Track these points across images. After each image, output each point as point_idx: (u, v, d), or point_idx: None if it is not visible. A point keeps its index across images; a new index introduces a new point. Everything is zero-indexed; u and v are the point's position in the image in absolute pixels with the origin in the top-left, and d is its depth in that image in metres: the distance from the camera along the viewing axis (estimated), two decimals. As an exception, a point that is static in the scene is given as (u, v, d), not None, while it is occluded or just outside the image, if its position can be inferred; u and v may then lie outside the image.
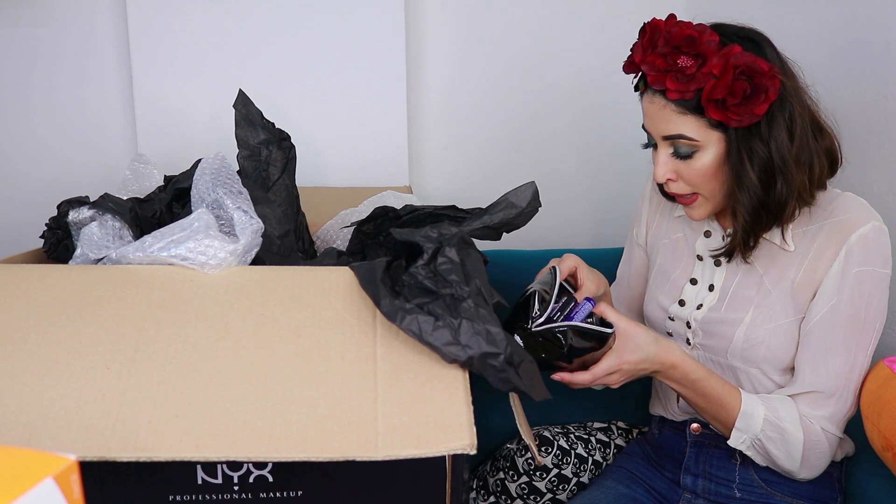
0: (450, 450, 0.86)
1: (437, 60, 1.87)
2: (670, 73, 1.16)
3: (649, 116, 1.22)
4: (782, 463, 1.24)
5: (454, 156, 1.93)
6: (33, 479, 0.53)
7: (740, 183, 1.18)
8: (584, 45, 1.89)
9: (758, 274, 1.27)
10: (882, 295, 1.22)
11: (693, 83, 1.14)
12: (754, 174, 1.17)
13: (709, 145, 1.18)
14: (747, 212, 1.19)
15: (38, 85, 1.77)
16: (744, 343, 1.26)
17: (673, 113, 1.18)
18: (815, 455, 1.24)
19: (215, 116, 1.73)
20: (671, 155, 1.21)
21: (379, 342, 0.98)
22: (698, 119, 1.17)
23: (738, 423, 1.23)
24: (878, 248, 1.20)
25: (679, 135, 1.18)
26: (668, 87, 1.16)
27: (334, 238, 1.40)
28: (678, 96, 1.16)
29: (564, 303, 1.17)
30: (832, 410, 1.22)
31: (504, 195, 1.17)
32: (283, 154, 1.28)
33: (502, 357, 0.96)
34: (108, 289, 1.03)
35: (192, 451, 0.84)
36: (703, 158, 1.19)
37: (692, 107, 1.16)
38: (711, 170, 1.19)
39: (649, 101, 1.21)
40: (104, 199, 1.17)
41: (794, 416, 1.22)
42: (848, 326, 1.21)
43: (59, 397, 0.89)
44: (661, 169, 1.22)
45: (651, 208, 1.44)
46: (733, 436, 1.24)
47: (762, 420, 1.22)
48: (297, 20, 1.74)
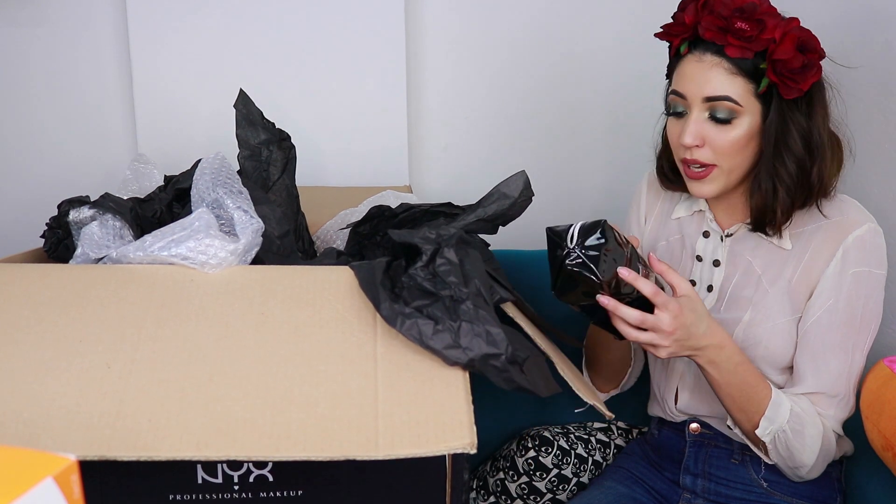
0: (450, 449, 0.86)
1: (437, 60, 1.87)
2: (730, 33, 1.15)
3: (692, 78, 1.19)
4: (799, 456, 1.22)
5: (454, 156, 1.93)
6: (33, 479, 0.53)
7: (787, 148, 1.18)
8: (585, 45, 1.89)
9: (756, 273, 1.27)
10: (878, 295, 1.22)
11: (755, 44, 1.14)
12: (799, 142, 1.17)
13: (748, 114, 1.18)
14: (791, 177, 1.18)
15: (38, 85, 1.77)
16: (742, 343, 1.26)
17: (724, 72, 1.17)
18: (825, 453, 1.24)
19: (215, 116, 1.73)
20: (707, 119, 1.19)
21: (379, 341, 0.98)
22: (747, 84, 1.17)
23: (768, 412, 1.20)
24: (874, 250, 1.21)
25: (725, 96, 1.17)
26: (730, 42, 1.15)
27: (334, 238, 1.40)
28: (739, 53, 1.15)
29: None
30: (835, 411, 1.23)
31: (495, 187, 1.17)
32: (283, 154, 1.28)
33: (504, 357, 0.96)
34: (108, 288, 1.03)
35: (193, 450, 0.84)
36: (740, 126, 1.18)
37: (747, 68, 1.16)
38: (743, 140, 1.19)
39: (697, 60, 1.19)
40: (104, 198, 1.17)
41: (812, 409, 1.22)
42: (845, 327, 1.21)
43: (60, 396, 0.89)
44: (691, 131, 1.19)
45: (645, 211, 1.42)
46: (761, 425, 1.21)
47: (789, 411, 1.20)
48: (297, 20, 1.74)
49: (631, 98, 1.93)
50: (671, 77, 1.25)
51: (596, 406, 1.12)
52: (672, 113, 1.23)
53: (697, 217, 1.34)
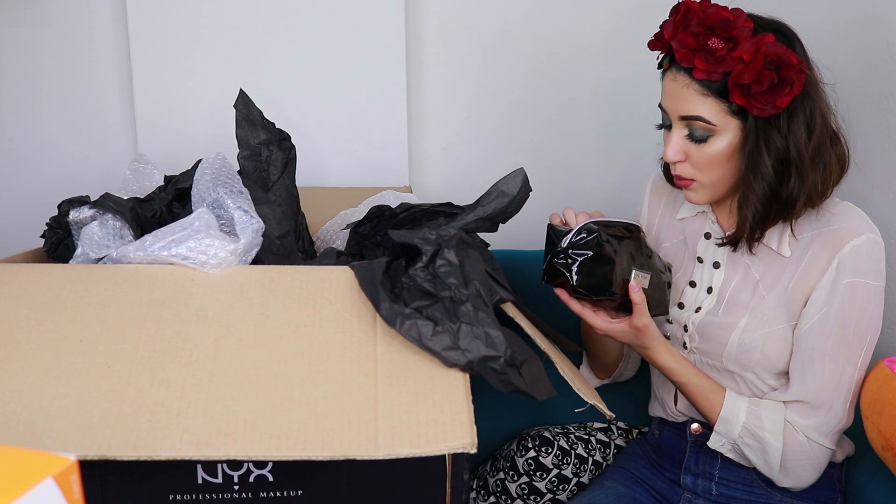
0: (450, 448, 0.86)
1: (437, 61, 1.87)
2: (700, 53, 1.15)
3: (669, 95, 1.21)
4: (761, 468, 1.26)
5: (454, 156, 1.93)
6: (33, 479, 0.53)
7: (756, 171, 1.18)
8: (586, 45, 1.89)
9: (754, 279, 1.27)
10: (874, 308, 1.21)
11: (722, 65, 1.14)
12: (770, 163, 1.17)
13: (724, 132, 1.18)
14: (759, 201, 1.19)
15: (38, 85, 1.77)
16: (738, 348, 1.26)
17: (695, 93, 1.17)
18: (799, 465, 1.24)
19: (215, 116, 1.73)
20: (685, 137, 1.21)
21: (379, 341, 0.98)
22: (719, 103, 1.17)
23: (717, 426, 1.26)
24: (871, 261, 1.20)
25: (697, 116, 1.18)
26: (697, 66, 1.15)
27: (334, 238, 1.40)
28: (704, 76, 1.15)
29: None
30: (819, 421, 1.22)
31: (494, 185, 1.17)
32: (283, 154, 1.28)
33: (502, 360, 0.96)
34: (108, 288, 1.03)
35: (193, 449, 0.84)
36: (716, 144, 1.19)
37: (716, 90, 1.16)
38: (723, 157, 1.19)
39: (672, 79, 1.20)
40: (105, 198, 1.17)
41: (777, 426, 1.23)
42: (836, 338, 1.20)
43: (60, 396, 0.89)
44: (672, 149, 1.22)
45: (650, 211, 1.43)
46: (713, 438, 1.27)
47: (741, 427, 1.24)
48: (297, 20, 1.74)
49: (630, 98, 1.93)
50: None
51: (596, 406, 1.12)
52: (660, 126, 1.26)
53: (700, 218, 1.35)
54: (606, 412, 1.13)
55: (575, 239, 1.19)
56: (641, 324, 1.22)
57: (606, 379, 1.47)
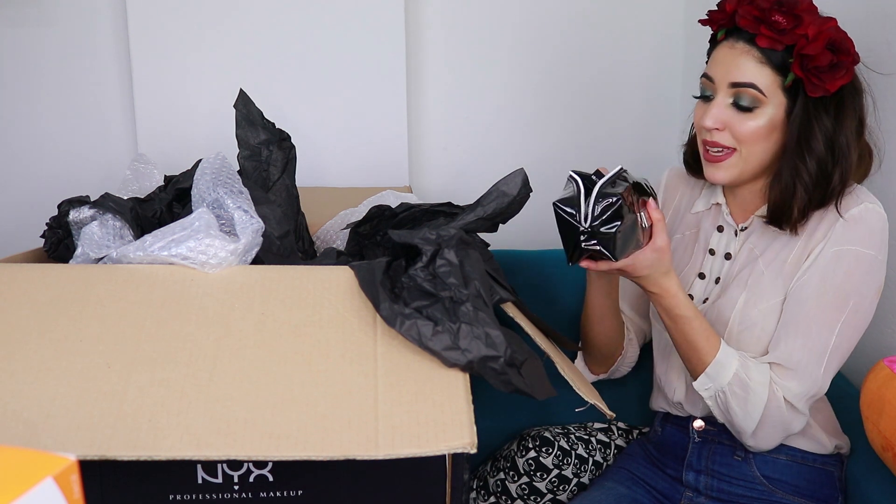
0: (450, 448, 0.86)
1: (437, 61, 1.87)
2: (765, 23, 1.18)
3: (721, 63, 1.22)
4: (739, 421, 1.24)
5: (454, 156, 1.93)
6: (33, 479, 0.53)
7: (808, 147, 1.20)
8: (586, 45, 1.89)
9: (755, 256, 1.29)
10: (862, 274, 1.21)
11: (786, 37, 1.17)
12: (821, 141, 1.19)
13: (771, 105, 1.20)
14: (811, 175, 1.20)
15: (38, 85, 1.77)
16: (739, 325, 1.26)
17: (753, 60, 1.19)
18: (772, 423, 1.23)
19: (215, 116, 1.73)
20: (730, 104, 1.22)
21: (379, 341, 0.98)
22: (774, 75, 1.19)
23: (709, 369, 1.23)
24: (866, 229, 1.21)
25: (751, 83, 1.20)
26: (762, 33, 1.18)
27: (334, 238, 1.40)
28: (768, 44, 1.18)
29: None
30: (794, 384, 1.22)
31: (494, 185, 1.17)
32: (283, 154, 1.28)
33: (502, 360, 0.96)
34: (108, 288, 1.03)
35: (193, 449, 0.84)
36: (761, 116, 1.21)
37: (776, 60, 1.19)
38: (764, 131, 1.21)
39: (730, 47, 1.22)
40: (105, 198, 1.17)
41: (764, 378, 1.22)
42: (813, 302, 1.21)
43: (60, 396, 0.89)
44: (713, 114, 1.22)
45: (665, 204, 1.44)
46: (700, 380, 1.25)
47: (732, 374, 1.22)
48: (297, 20, 1.74)
49: (630, 98, 1.93)
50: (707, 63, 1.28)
51: (597, 405, 1.12)
52: (700, 96, 1.27)
53: (714, 211, 1.36)
54: (607, 412, 1.13)
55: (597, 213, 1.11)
56: (664, 243, 1.19)
57: (602, 374, 1.47)
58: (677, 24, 1.89)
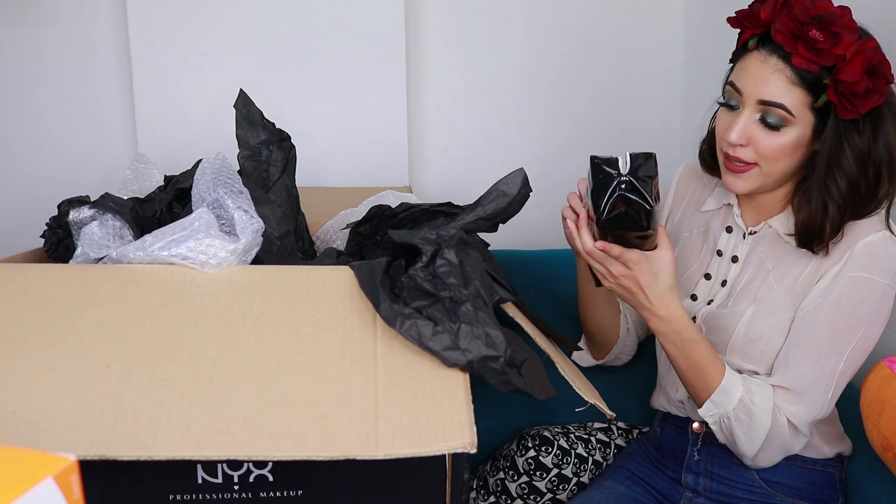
0: (450, 448, 0.86)
1: (437, 61, 1.87)
2: (801, 41, 1.13)
3: (752, 76, 1.17)
4: (742, 446, 1.24)
5: (454, 156, 1.93)
6: (33, 479, 0.53)
7: (839, 169, 1.16)
8: (586, 44, 1.89)
9: (766, 269, 1.27)
10: (875, 303, 1.20)
11: (823, 58, 1.12)
12: (853, 161, 1.15)
13: (799, 124, 1.16)
14: (842, 194, 1.17)
15: (39, 85, 1.77)
16: (744, 338, 1.26)
17: (785, 80, 1.15)
18: (775, 447, 1.23)
19: (215, 116, 1.73)
20: (757, 120, 1.18)
21: (379, 341, 0.98)
22: (805, 95, 1.15)
23: (715, 396, 1.22)
24: (883, 258, 1.19)
25: (780, 104, 1.15)
26: (799, 52, 1.12)
27: (334, 238, 1.40)
28: (805, 65, 1.13)
29: None
30: (799, 408, 1.22)
31: (494, 185, 1.17)
32: (283, 154, 1.28)
33: (502, 360, 0.96)
34: (108, 288, 1.03)
35: (193, 449, 0.84)
36: (787, 135, 1.17)
37: (809, 80, 1.14)
38: (789, 149, 1.18)
39: (761, 61, 1.17)
40: (105, 198, 1.17)
41: (768, 404, 1.22)
42: (825, 327, 1.20)
43: (60, 396, 0.89)
44: (737, 132, 1.18)
45: (676, 200, 1.42)
46: (705, 407, 1.23)
47: (737, 400, 1.21)
48: (297, 20, 1.74)
49: (631, 99, 1.93)
50: (734, 67, 1.23)
51: (597, 405, 1.12)
52: (725, 104, 1.22)
53: (725, 211, 1.34)
54: (607, 411, 1.13)
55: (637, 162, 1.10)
56: (670, 251, 1.17)
57: (601, 359, 1.46)
58: (677, 24, 1.88)
